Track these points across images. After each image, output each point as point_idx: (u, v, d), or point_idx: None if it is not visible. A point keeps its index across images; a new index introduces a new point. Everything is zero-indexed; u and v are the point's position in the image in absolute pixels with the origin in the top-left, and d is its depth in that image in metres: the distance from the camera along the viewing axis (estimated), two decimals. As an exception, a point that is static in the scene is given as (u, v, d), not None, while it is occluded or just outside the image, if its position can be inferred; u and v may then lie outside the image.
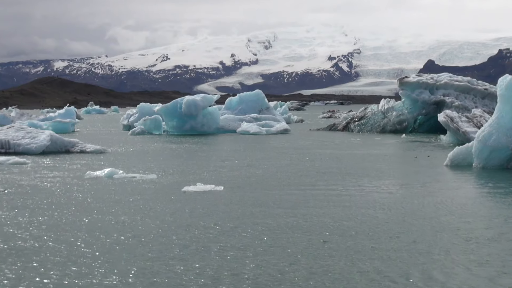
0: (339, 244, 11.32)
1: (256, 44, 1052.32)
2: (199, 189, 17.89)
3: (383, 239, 11.67)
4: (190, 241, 11.54)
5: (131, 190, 18.00)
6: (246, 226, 12.79)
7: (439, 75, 54.13)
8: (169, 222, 13.29)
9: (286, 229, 12.52)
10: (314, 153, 30.76)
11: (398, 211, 14.50)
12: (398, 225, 12.91)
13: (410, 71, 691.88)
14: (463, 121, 36.18)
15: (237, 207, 15.02)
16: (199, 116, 49.10)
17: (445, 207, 15.03)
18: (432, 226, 12.76)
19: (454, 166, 24.47)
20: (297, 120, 76.82)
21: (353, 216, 13.88)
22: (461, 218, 13.68)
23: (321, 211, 14.52)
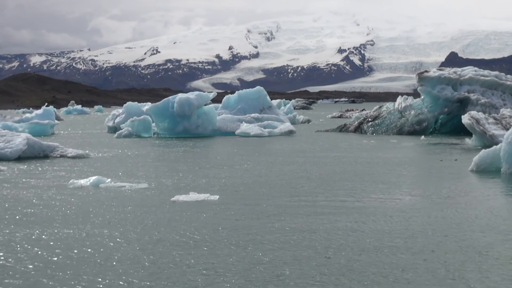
0: (343, 260, 11.31)
1: (257, 35, 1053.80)
2: (191, 199, 17.84)
3: (399, 260, 11.58)
4: (160, 262, 11.43)
5: (118, 201, 17.94)
6: (235, 242, 12.68)
7: (463, 69, 54.11)
8: (144, 237, 13.19)
9: (284, 245, 12.45)
10: (322, 158, 30.72)
11: (416, 225, 14.38)
12: (417, 242, 12.82)
13: (431, 64, 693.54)
14: (490, 123, 36.14)
15: (230, 219, 14.97)
16: (193, 117, 49.07)
17: (471, 221, 14.89)
18: (457, 245, 12.68)
19: (480, 172, 24.39)
20: (303, 120, 76.84)
21: (362, 231, 13.81)
22: (489, 234, 13.63)
23: (327, 223, 14.47)
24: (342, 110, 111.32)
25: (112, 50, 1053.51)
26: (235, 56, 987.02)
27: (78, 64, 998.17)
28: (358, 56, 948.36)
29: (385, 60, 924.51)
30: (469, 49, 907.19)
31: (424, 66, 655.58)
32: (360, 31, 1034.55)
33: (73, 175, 23.89)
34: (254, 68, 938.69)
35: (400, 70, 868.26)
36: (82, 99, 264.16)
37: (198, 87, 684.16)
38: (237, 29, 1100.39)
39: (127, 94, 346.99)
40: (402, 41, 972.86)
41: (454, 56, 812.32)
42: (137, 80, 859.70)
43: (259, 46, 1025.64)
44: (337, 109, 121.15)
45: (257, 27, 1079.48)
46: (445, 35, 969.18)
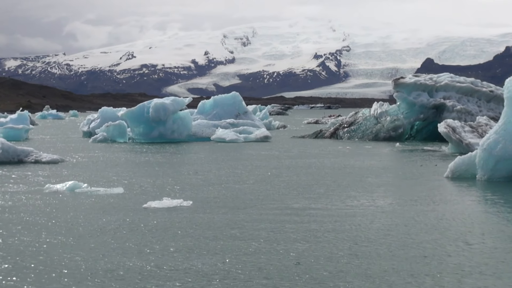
0: (313, 267, 11.33)
1: (233, 41, 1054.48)
2: (164, 205, 17.77)
3: (369, 264, 11.64)
4: (113, 269, 11.36)
5: (90, 207, 17.86)
6: (200, 251, 12.55)
7: (439, 75, 54.37)
8: (101, 245, 13.10)
9: (256, 251, 12.44)
10: (297, 164, 30.75)
11: (389, 231, 14.45)
12: (389, 248, 12.86)
13: (406, 70, 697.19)
14: (466, 131, 36.31)
15: (200, 227, 14.88)
16: (169, 122, 48.97)
17: (444, 227, 14.99)
18: (427, 251, 12.75)
19: (455, 178, 24.51)
20: (279, 126, 76.90)
21: (333, 235, 13.87)
22: (463, 240, 13.70)
23: (299, 229, 14.48)
24: (325, 116, 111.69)
25: (88, 54, 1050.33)
26: (210, 61, 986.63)
27: (53, 69, 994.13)
28: (334, 62, 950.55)
29: (361, 66, 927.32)
30: (445, 55, 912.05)
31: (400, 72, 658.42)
32: (336, 37, 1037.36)
33: (49, 180, 23.75)
34: (230, 73, 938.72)
35: (376, 76, 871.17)
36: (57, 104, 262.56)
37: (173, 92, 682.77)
38: (212, 34, 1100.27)
39: (102, 99, 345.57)
40: (378, 47, 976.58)
41: (430, 62, 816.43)
42: (113, 85, 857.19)
43: (235, 51, 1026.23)
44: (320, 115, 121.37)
45: (233, 32, 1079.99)
46: (421, 42, 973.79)
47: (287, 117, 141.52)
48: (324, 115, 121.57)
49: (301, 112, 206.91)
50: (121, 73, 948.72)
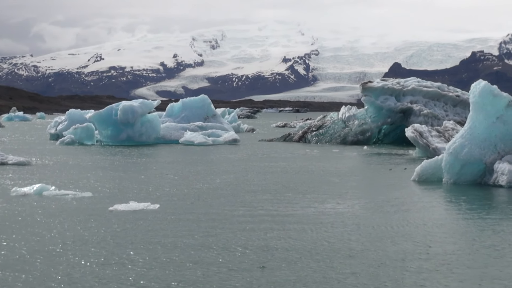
0: (279, 270, 11.39)
1: (202, 44, 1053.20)
2: (130, 208, 17.73)
3: (333, 265, 11.74)
4: (70, 273, 11.37)
5: (55, 210, 17.78)
6: (160, 256, 12.52)
7: (406, 80, 54.66)
8: (62, 249, 13.09)
9: (220, 256, 12.46)
10: (265, 167, 30.80)
11: (352, 235, 14.54)
12: (354, 250, 12.96)
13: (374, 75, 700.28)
14: (433, 135, 36.55)
15: (163, 231, 14.86)
16: (137, 124, 48.83)
17: (407, 231, 15.11)
18: (389, 254, 12.87)
19: (422, 182, 24.69)
20: (247, 129, 76.91)
21: (299, 238, 13.96)
22: (425, 241, 13.83)
23: (264, 233, 14.54)
24: (297, 119, 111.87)
25: (55, 56, 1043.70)
26: (179, 64, 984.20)
27: (20, 70, 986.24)
28: (303, 65, 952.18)
29: (329, 70, 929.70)
30: (412, 60, 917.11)
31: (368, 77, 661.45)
32: (305, 41, 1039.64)
33: (16, 183, 23.60)
34: (198, 76, 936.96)
35: (344, 80, 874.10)
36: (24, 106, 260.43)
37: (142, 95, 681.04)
38: (181, 37, 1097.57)
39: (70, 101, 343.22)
40: (346, 51, 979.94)
41: (398, 66, 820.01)
42: (80, 87, 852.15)
43: (204, 54, 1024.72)
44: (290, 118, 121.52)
45: (202, 35, 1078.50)
46: (389, 46, 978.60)
47: (255, 120, 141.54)
48: (296, 118, 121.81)
49: (269, 116, 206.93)
50: (89, 75, 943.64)
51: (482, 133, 24.25)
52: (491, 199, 20.85)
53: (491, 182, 23.71)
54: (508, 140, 24.41)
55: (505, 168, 23.43)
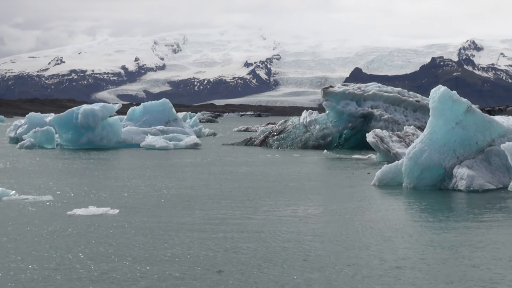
0: (236, 274, 11.40)
1: (163, 47, 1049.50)
2: (89, 213, 17.61)
3: (288, 269, 11.78)
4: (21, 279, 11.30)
5: (15, 214, 17.64)
6: (115, 260, 12.49)
7: (367, 85, 54.96)
8: (17, 254, 13.00)
9: (178, 260, 12.45)
10: (226, 172, 30.80)
11: (310, 239, 14.61)
12: (309, 255, 13.01)
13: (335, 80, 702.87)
14: (394, 140, 36.78)
15: (121, 235, 14.82)
16: (98, 128, 48.57)
17: (364, 234, 15.19)
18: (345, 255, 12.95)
19: (382, 186, 24.82)
20: (209, 133, 76.85)
21: (257, 242, 14.00)
22: (383, 245, 13.91)
23: (223, 237, 14.59)
24: (262, 123, 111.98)
25: (15, 59, 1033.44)
26: (141, 68, 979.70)
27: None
28: (265, 70, 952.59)
29: (291, 74, 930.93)
30: (373, 65, 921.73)
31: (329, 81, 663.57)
32: (267, 45, 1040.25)
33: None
34: (160, 80, 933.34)
35: (305, 84, 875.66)
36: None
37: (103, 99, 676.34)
38: (143, 40, 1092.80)
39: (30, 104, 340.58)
40: (308, 56, 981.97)
41: (358, 71, 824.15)
42: (41, 90, 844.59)
43: (166, 58, 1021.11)
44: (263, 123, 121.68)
45: (163, 39, 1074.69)
46: (350, 51, 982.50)
47: (217, 124, 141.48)
48: (261, 122, 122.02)
49: (231, 120, 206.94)
50: (49, 78, 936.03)
51: (442, 138, 24.46)
52: (450, 204, 21.02)
53: (450, 187, 23.91)
54: (467, 145, 24.64)
55: (464, 173, 23.64)
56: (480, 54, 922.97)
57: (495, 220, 17.46)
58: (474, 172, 23.79)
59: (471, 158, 24.53)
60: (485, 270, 11.94)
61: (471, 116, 24.88)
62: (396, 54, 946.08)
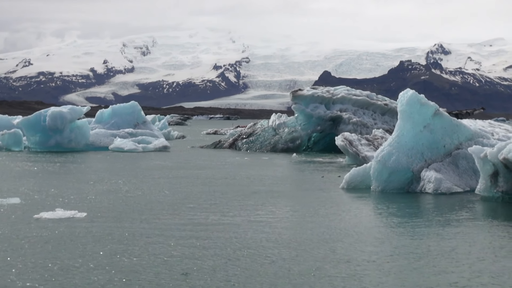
0: (202, 276, 11.42)
1: (132, 50, 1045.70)
2: (56, 216, 17.49)
3: (252, 272, 11.81)
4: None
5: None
6: (80, 265, 12.43)
7: (335, 88, 55.15)
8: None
9: (142, 263, 12.43)
10: (195, 175, 30.75)
11: (276, 241, 14.65)
12: (273, 257, 13.05)
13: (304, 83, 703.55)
14: (363, 144, 36.93)
15: (87, 239, 14.75)
16: (66, 131, 48.31)
17: (330, 237, 15.25)
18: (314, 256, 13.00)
19: (350, 189, 24.89)
20: (178, 136, 76.63)
21: (223, 245, 14.02)
22: (347, 249, 13.96)
23: (189, 240, 14.59)
24: (239, 125, 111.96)
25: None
26: (110, 70, 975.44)
27: None
28: (234, 73, 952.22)
29: (260, 77, 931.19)
30: (342, 68, 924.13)
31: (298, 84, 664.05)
32: (236, 48, 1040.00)
33: None
34: (129, 82, 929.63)
35: (274, 87, 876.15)
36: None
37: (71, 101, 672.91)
38: (112, 42, 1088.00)
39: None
40: (277, 59, 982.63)
41: (327, 75, 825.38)
42: (8, 92, 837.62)
43: (135, 60, 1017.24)
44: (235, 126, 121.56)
45: (132, 41, 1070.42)
46: (319, 54, 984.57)
47: (186, 127, 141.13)
48: (233, 125, 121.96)
49: (200, 123, 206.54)
50: (17, 81, 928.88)
51: (410, 141, 24.61)
52: (417, 207, 21.15)
53: (418, 190, 24.06)
54: (435, 148, 24.82)
55: (431, 176, 23.80)
56: (448, 58, 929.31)
57: (461, 223, 17.59)
58: (442, 175, 23.96)
59: (439, 161, 24.71)
60: (450, 273, 12.03)
61: (438, 119, 25.06)
62: (364, 58, 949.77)
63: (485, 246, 14.47)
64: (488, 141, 25.76)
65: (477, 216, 19.22)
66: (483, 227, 17.15)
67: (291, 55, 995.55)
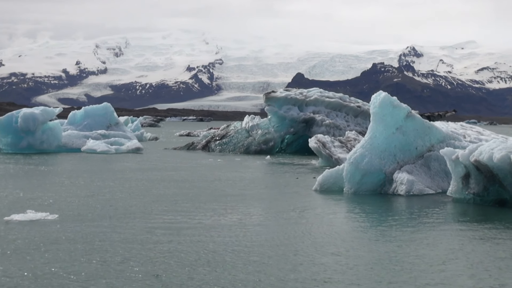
0: (174, 277, 11.41)
1: (105, 51, 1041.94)
2: (27, 218, 17.35)
3: (223, 273, 11.84)
4: None
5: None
6: (51, 267, 12.38)
7: (308, 90, 55.26)
8: None
9: (114, 265, 12.41)
10: (168, 177, 30.67)
11: (250, 243, 14.66)
12: (249, 259, 13.07)
13: (278, 85, 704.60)
14: (336, 146, 37.03)
15: (61, 241, 14.68)
16: (38, 132, 48.01)
17: (302, 239, 15.28)
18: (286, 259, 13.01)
19: (323, 191, 24.93)
20: (151, 137, 76.39)
21: (195, 247, 14.04)
22: (318, 250, 14.00)
23: (160, 242, 14.57)
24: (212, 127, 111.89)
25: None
26: (82, 71, 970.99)
27: None
28: (207, 74, 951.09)
29: (233, 79, 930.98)
30: (315, 70, 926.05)
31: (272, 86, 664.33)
32: (209, 50, 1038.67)
33: None
34: (102, 84, 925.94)
35: (248, 89, 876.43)
36: None
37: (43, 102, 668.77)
38: (85, 43, 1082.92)
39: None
40: (250, 61, 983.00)
41: (301, 77, 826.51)
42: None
43: (107, 61, 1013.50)
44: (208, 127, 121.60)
45: (105, 43, 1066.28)
46: (292, 56, 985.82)
47: (159, 129, 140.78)
48: (211, 126, 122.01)
49: (173, 124, 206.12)
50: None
51: (382, 143, 24.70)
52: (389, 208, 21.22)
53: (390, 192, 24.16)
54: (407, 150, 24.94)
55: (404, 177, 23.91)
56: (420, 60, 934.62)
57: (433, 225, 17.67)
58: (414, 177, 24.09)
59: (411, 163, 24.83)
60: (419, 272, 12.09)
61: (411, 121, 25.18)
62: (337, 60, 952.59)
63: (455, 248, 14.54)
64: (460, 143, 25.92)
65: (448, 218, 19.33)
66: (454, 229, 17.24)
67: (265, 57, 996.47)
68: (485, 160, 20.77)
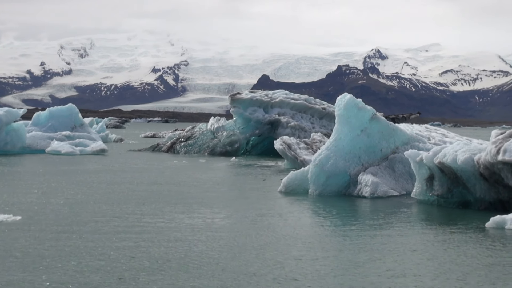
0: (137, 281, 11.39)
1: (70, 52, 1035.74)
2: (-11, 220, 17.25)
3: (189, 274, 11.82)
4: None
5: None
6: (15, 269, 12.32)
7: (274, 92, 55.33)
8: None
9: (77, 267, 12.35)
10: (133, 178, 30.55)
11: (211, 245, 14.65)
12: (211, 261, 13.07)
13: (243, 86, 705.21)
14: (301, 147, 37.08)
15: (24, 243, 14.57)
16: (2, 134, 47.60)
17: (264, 241, 15.28)
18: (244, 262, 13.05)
19: (288, 193, 24.96)
20: (116, 139, 76.03)
21: (158, 249, 14.03)
22: (283, 254, 14.01)
23: (122, 245, 14.51)
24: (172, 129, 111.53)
25: None
26: (47, 72, 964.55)
27: None
28: (172, 76, 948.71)
29: (198, 80, 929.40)
30: (280, 72, 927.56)
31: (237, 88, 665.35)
32: (175, 51, 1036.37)
33: None
34: (66, 85, 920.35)
35: (213, 91, 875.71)
36: None
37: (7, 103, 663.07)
38: (49, 44, 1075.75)
39: None
40: (216, 62, 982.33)
41: (266, 78, 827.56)
42: None
43: (72, 62, 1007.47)
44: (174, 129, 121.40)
45: (70, 44, 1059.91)
46: (257, 58, 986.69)
47: (124, 130, 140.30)
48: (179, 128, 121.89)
49: (138, 126, 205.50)
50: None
51: (347, 145, 24.79)
52: (353, 210, 21.30)
53: (355, 193, 24.25)
54: (372, 152, 25.05)
55: (368, 179, 24.01)
56: (385, 62, 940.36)
57: (396, 227, 17.76)
58: (378, 179, 24.20)
59: (376, 165, 24.94)
60: (382, 276, 12.14)
61: (375, 123, 25.30)
62: (303, 62, 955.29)
63: (418, 250, 14.61)
64: (424, 145, 26.10)
65: (412, 219, 19.42)
66: (418, 230, 17.34)
67: (230, 58, 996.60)
68: (449, 162, 20.92)
